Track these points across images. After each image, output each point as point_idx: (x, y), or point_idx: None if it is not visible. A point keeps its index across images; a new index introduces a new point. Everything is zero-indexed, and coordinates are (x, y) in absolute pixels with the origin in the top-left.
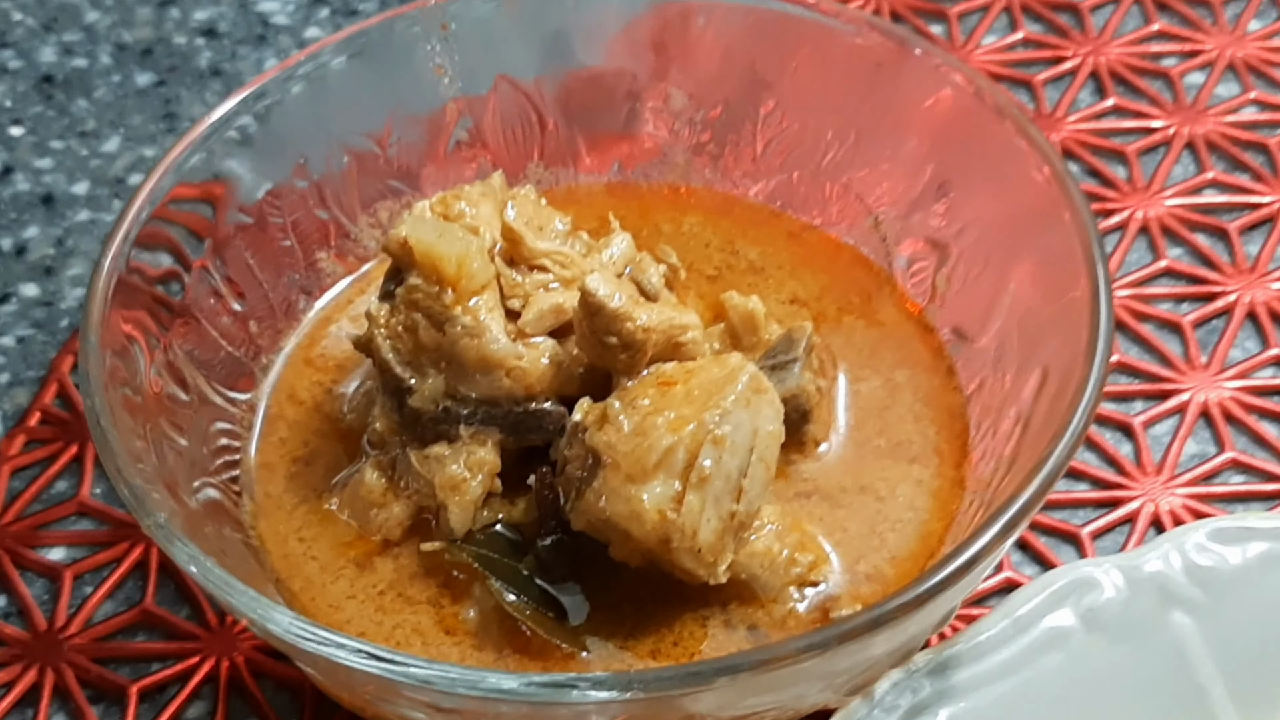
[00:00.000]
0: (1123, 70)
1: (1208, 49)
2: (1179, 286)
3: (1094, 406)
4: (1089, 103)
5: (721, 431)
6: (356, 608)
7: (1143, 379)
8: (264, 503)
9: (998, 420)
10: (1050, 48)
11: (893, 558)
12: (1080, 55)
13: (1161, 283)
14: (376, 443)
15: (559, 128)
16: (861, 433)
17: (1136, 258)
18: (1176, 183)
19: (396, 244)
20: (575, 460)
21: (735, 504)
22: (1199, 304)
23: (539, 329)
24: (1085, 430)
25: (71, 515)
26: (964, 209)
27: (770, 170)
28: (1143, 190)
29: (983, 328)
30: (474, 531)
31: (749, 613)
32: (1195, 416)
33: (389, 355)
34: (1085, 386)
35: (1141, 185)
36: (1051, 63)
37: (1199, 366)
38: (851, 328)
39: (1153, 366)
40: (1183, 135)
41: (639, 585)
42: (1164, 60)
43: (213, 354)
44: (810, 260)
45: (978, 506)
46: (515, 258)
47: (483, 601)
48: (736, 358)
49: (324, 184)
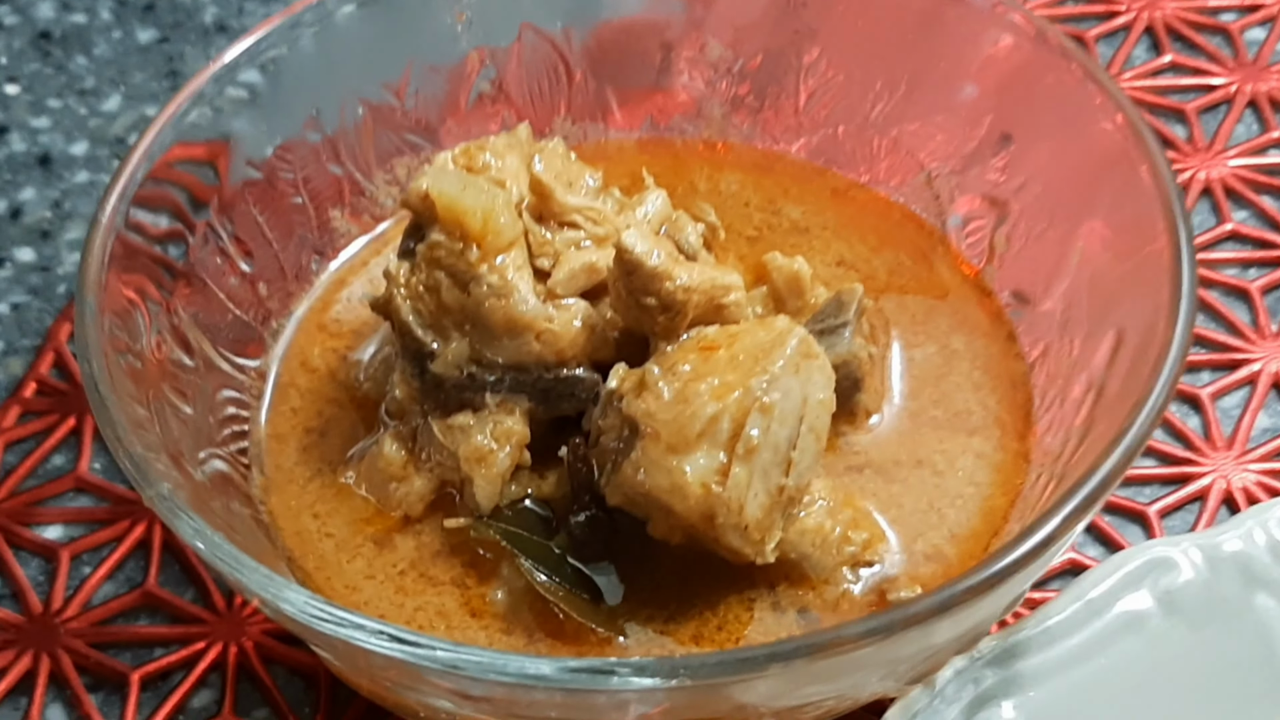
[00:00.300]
0: (1179, 25)
1: (1268, 2)
2: (1245, 251)
3: (1178, 372)
4: (1144, 59)
5: (769, 399)
6: (375, 589)
7: (1210, 348)
8: (275, 476)
9: (1065, 388)
10: (1102, 1)
11: (953, 535)
12: (1134, 9)
13: (1226, 247)
14: (396, 412)
15: (587, 79)
16: (916, 403)
17: (1200, 221)
18: (1240, 142)
19: (417, 197)
20: (610, 430)
21: (784, 477)
22: (1267, 269)
23: (570, 289)
24: (1169, 397)
25: (69, 491)
26: (1025, 162)
27: (814, 124)
28: (1204, 150)
29: (1046, 290)
30: (501, 507)
31: (799, 595)
32: (1267, 388)
33: (409, 317)
34: (1168, 349)
35: (1203, 145)
36: (1104, 17)
37: (1269, 335)
38: (903, 291)
39: (1220, 335)
40: (1245, 93)
41: (679, 565)
42: (1222, 15)
43: (219, 318)
44: (858, 220)
45: (1046, 481)
46: (544, 213)
47: (511, 582)
48: (784, 320)
49: (337, 138)
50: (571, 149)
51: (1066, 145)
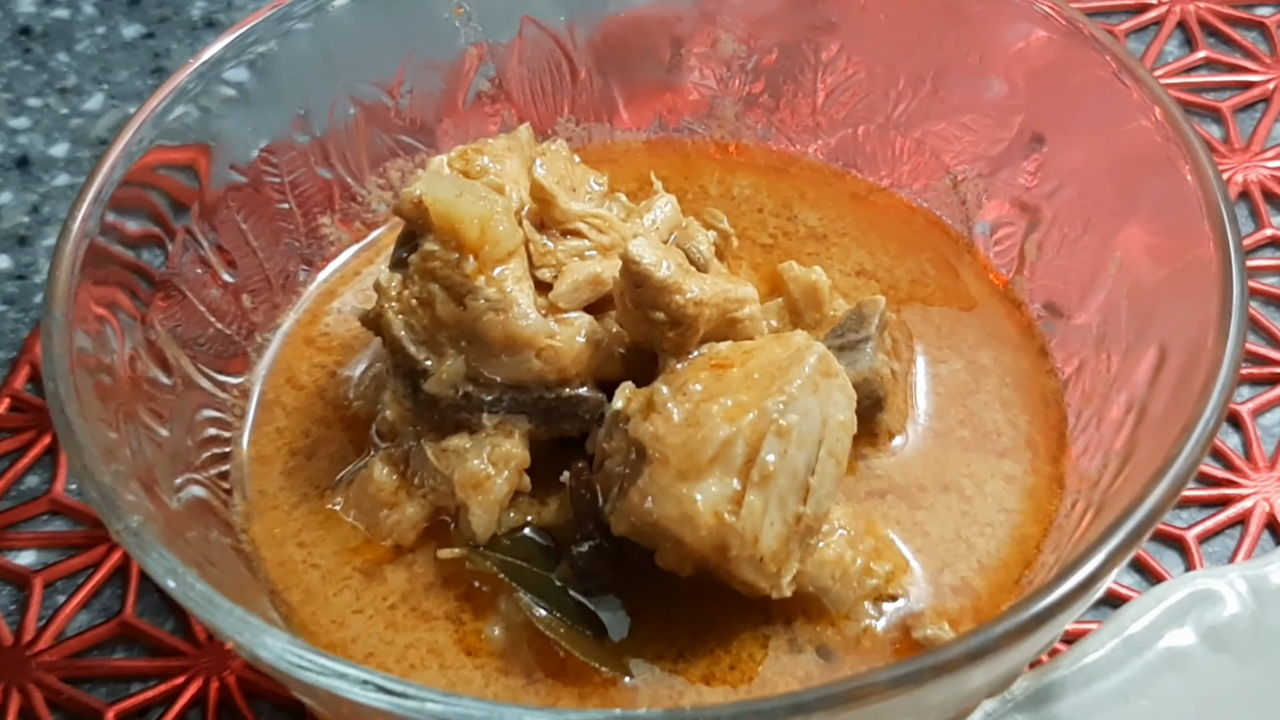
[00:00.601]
0: (1212, 19)
1: None
2: None
3: (1230, 392)
4: (1176, 56)
5: (786, 421)
6: (364, 624)
7: (1251, 362)
8: (258, 502)
9: (1103, 408)
10: None
11: (982, 566)
12: (1165, 3)
13: (1265, 253)
14: (387, 433)
15: (592, 77)
16: (942, 422)
17: None
18: (1278, 143)
19: (410, 204)
20: (616, 454)
21: (802, 505)
22: None
23: (574, 302)
24: (1220, 420)
25: (43, 514)
26: (1058, 165)
27: (832, 124)
28: (1241, 151)
29: (1081, 301)
30: (499, 536)
31: (818, 631)
32: None
33: (401, 333)
34: (1218, 367)
35: (1240, 146)
36: (1134, 11)
37: None
38: (928, 303)
39: (1260, 348)
40: None
41: (690, 598)
42: (1258, 9)
43: (200, 331)
44: (879, 226)
45: (1083, 508)
46: (546, 221)
47: (509, 617)
48: (801, 336)
49: (327, 140)
50: (575, 151)
51: (1102, 145)
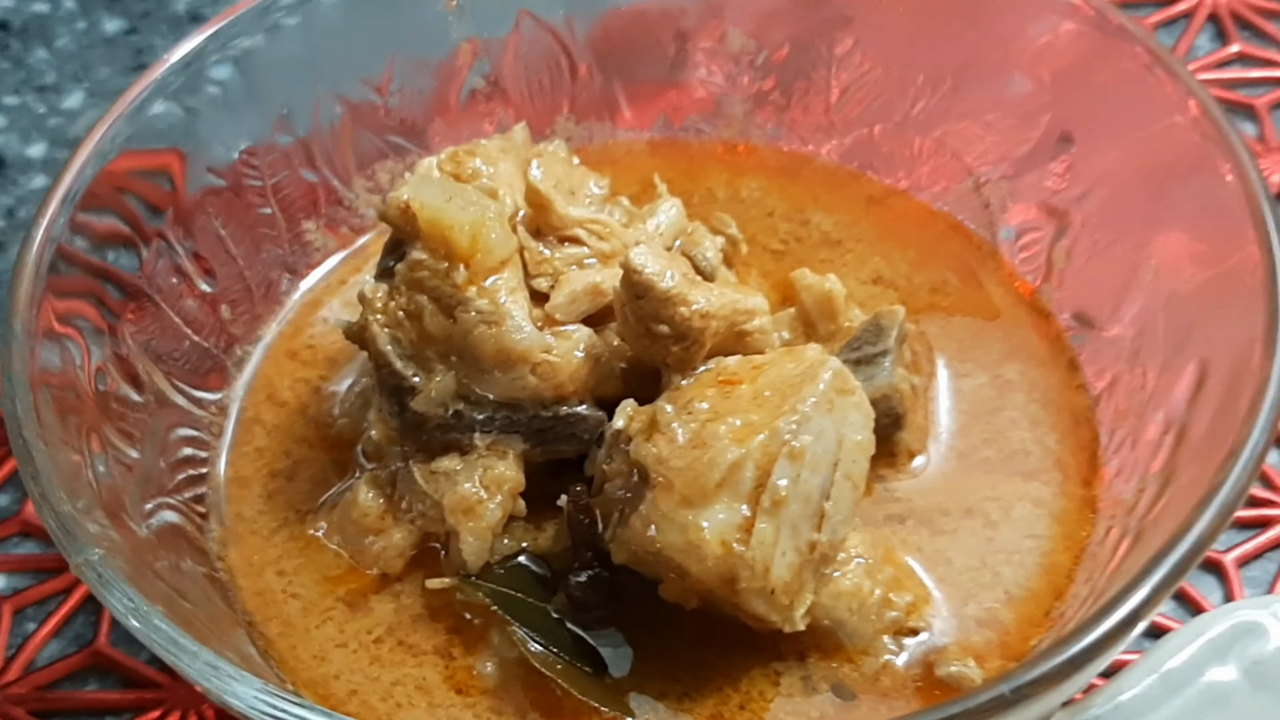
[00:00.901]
0: (1246, 11)
1: None
2: None
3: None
4: (1208, 50)
5: (799, 443)
6: (346, 659)
7: None
8: (235, 527)
9: (1138, 427)
10: None
11: (1009, 597)
12: None
13: None
14: (373, 454)
15: (593, 74)
16: (965, 442)
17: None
18: None
19: (397, 210)
20: (617, 477)
21: (816, 533)
22: None
23: (571, 314)
24: (1270, 442)
25: (13, 536)
26: (1088, 166)
27: (847, 123)
28: (1277, 150)
29: (1114, 312)
30: (492, 564)
31: (833, 668)
32: None
33: (387, 347)
34: (1266, 384)
35: (1275, 144)
36: (1163, 3)
37: None
38: (950, 313)
39: None
40: None
41: (696, 632)
42: None
43: (174, 345)
44: (897, 232)
45: (1119, 536)
46: (542, 227)
47: (502, 652)
48: (815, 350)
49: (311, 140)
50: (575, 152)
51: (1135, 144)
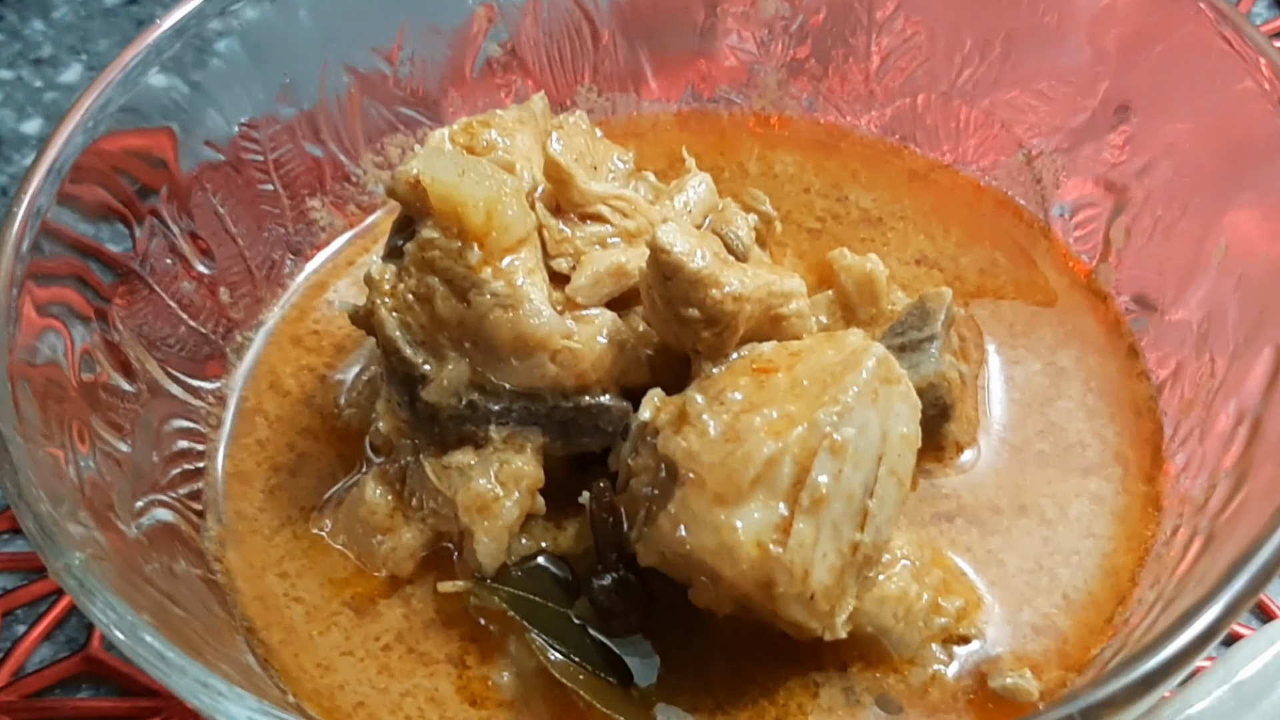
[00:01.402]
0: None
1: None
2: None
3: None
4: (1266, 18)
5: (841, 436)
6: (353, 668)
7: None
8: (235, 525)
9: (1207, 419)
10: None
11: (1068, 602)
12: None
13: None
14: (382, 447)
15: (617, 42)
16: (1018, 434)
17: None
18: None
19: (406, 184)
20: (644, 473)
21: (859, 533)
22: None
23: (594, 297)
24: None
25: (3, 533)
26: (1150, 137)
27: (888, 93)
28: None
29: (1178, 295)
30: (509, 566)
31: (878, 679)
32: None
33: (396, 333)
34: None
35: None
36: None
37: None
38: (1000, 296)
39: None
40: None
41: (729, 640)
42: None
43: (169, 330)
44: (942, 209)
45: (1188, 536)
46: (563, 204)
47: (520, 661)
48: (857, 335)
49: (317, 113)
50: (598, 124)
51: (1202, 114)
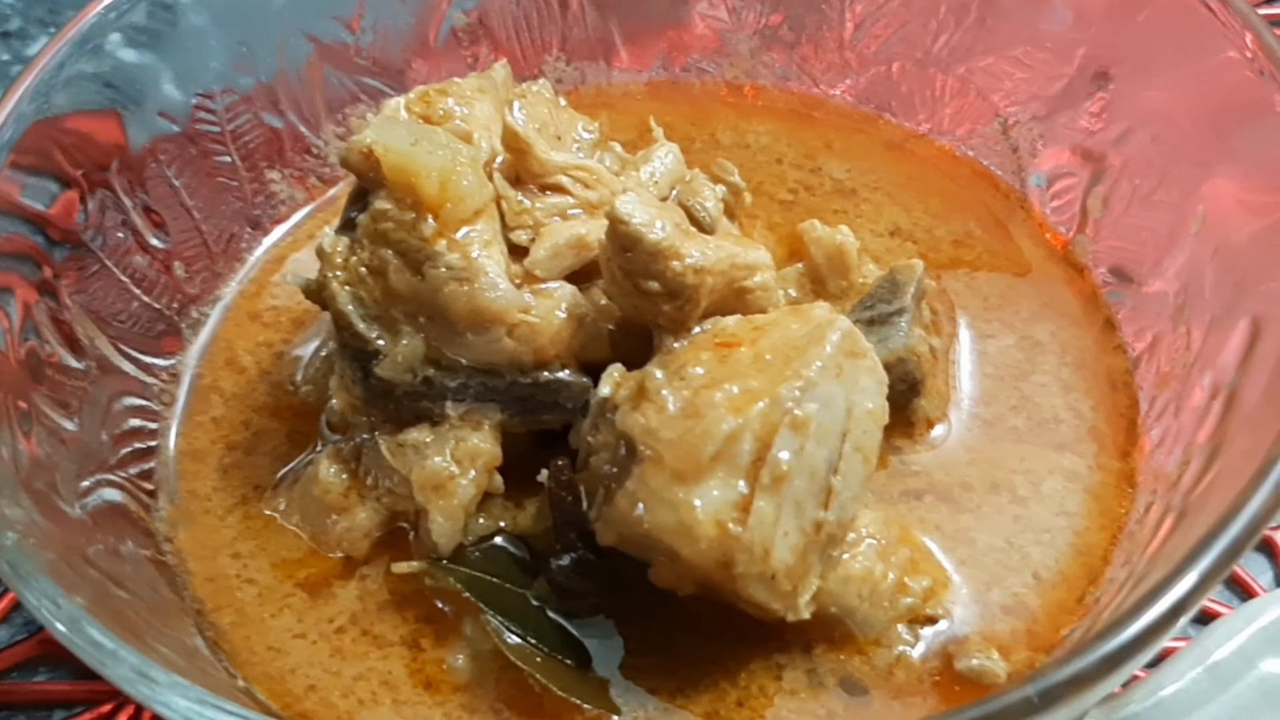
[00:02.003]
0: None
1: None
2: None
3: None
4: None
5: (803, 411)
6: (305, 651)
7: None
8: (187, 505)
9: (1183, 392)
10: None
11: (1038, 581)
12: None
13: None
14: (337, 425)
15: (585, 9)
16: (991, 409)
17: None
18: None
19: (359, 154)
20: (603, 450)
21: (822, 511)
22: None
23: (553, 270)
24: None
25: None
26: (1128, 105)
27: (863, 61)
28: None
29: (1156, 265)
30: (465, 546)
31: (842, 661)
32: None
33: (348, 307)
34: None
35: None
36: None
37: None
38: (974, 268)
39: None
40: None
41: (692, 620)
42: None
43: (121, 306)
44: (917, 179)
45: (1161, 513)
46: (522, 174)
47: (476, 644)
48: (823, 309)
49: (276, 83)
50: (566, 94)
51: (1181, 82)
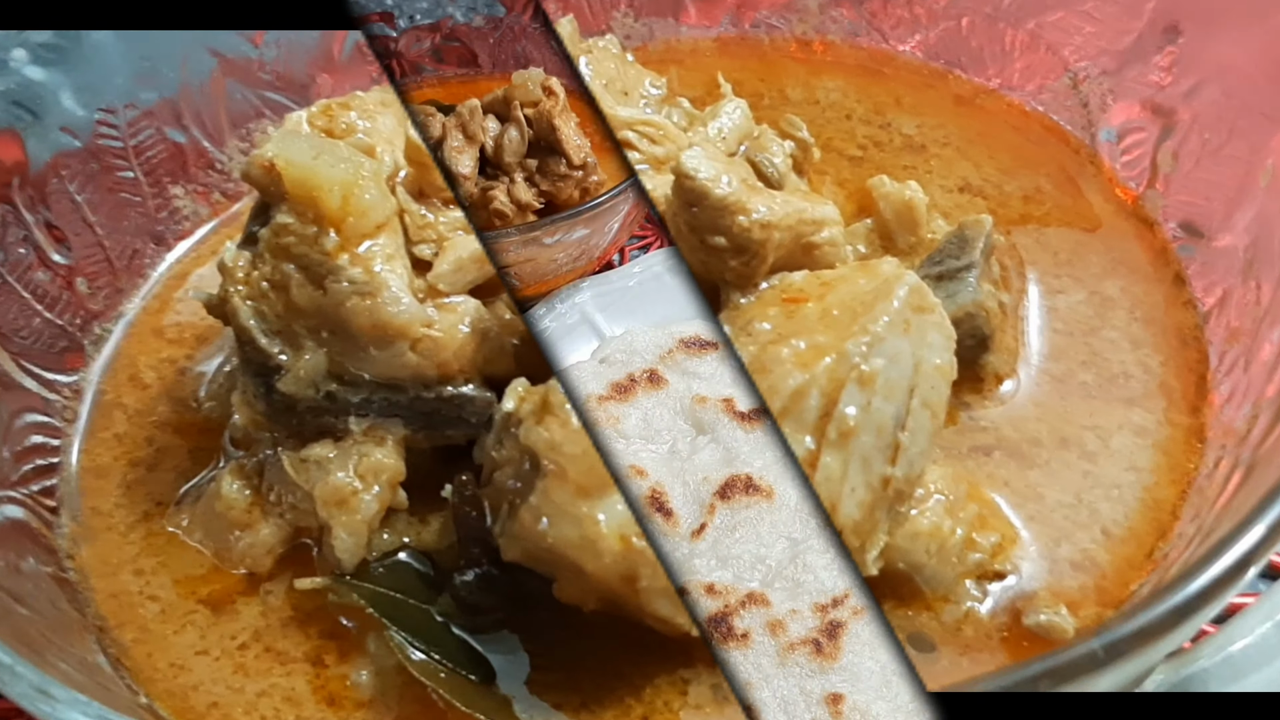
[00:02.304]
0: None
1: None
2: None
3: None
4: None
5: (870, 367)
6: (208, 667)
7: None
8: (90, 522)
9: (1252, 347)
10: None
11: (1108, 537)
12: None
13: None
14: (240, 441)
15: None
16: (1060, 365)
17: None
18: None
19: (260, 168)
20: (507, 465)
21: (890, 466)
22: None
23: (457, 285)
24: None
25: None
26: (1198, 59)
27: (933, 16)
28: None
29: (1226, 220)
30: (369, 562)
31: (910, 616)
32: None
33: (250, 321)
34: None
35: None
36: None
37: None
38: (1044, 223)
39: None
40: None
41: (598, 635)
42: None
43: (22, 322)
44: (987, 135)
45: (1230, 468)
46: (425, 188)
47: (380, 660)
48: (891, 264)
49: (180, 97)
50: (634, 51)
51: (1252, 35)
